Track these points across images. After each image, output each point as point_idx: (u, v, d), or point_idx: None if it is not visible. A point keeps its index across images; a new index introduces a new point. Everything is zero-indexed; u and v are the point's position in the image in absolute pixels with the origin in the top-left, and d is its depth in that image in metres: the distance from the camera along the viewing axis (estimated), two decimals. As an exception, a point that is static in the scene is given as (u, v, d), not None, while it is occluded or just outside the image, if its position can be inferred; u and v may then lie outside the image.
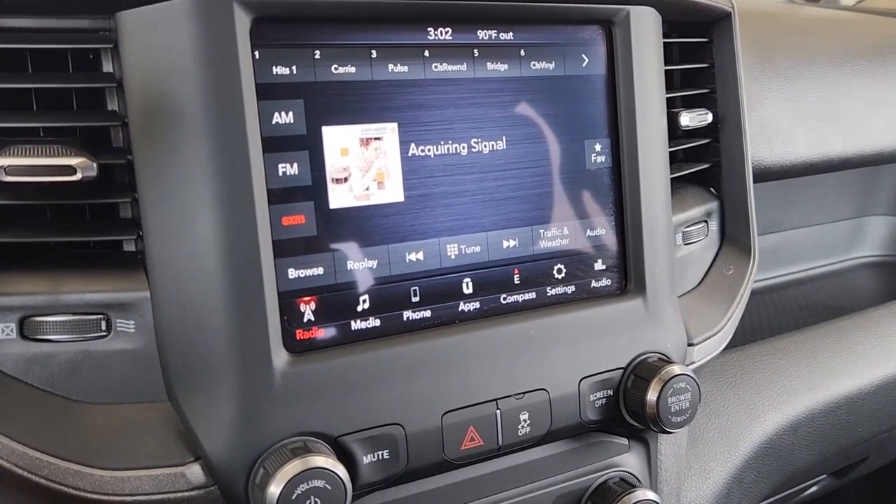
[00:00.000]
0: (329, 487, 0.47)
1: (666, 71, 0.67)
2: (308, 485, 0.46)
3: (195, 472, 0.48)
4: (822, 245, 1.27)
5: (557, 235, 0.59)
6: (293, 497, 0.46)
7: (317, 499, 0.47)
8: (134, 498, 0.47)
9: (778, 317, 1.06)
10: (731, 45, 0.71)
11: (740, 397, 0.80)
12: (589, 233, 0.61)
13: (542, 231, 0.58)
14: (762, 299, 1.15)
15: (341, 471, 0.47)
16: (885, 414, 0.92)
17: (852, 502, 1.52)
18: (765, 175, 0.83)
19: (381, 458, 0.51)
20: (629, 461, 0.63)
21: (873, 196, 1.29)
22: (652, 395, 0.58)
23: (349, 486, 0.47)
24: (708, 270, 0.73)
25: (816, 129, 0.89)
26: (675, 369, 0.58)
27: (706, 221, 0.74)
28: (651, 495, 0.60)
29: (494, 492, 0.58)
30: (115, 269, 0.51)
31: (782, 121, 0.85)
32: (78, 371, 0.49)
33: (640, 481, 0.64)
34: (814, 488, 1.10)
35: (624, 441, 0.63)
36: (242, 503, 0.49)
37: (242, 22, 0.47)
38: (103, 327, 0.49)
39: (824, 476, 1.04)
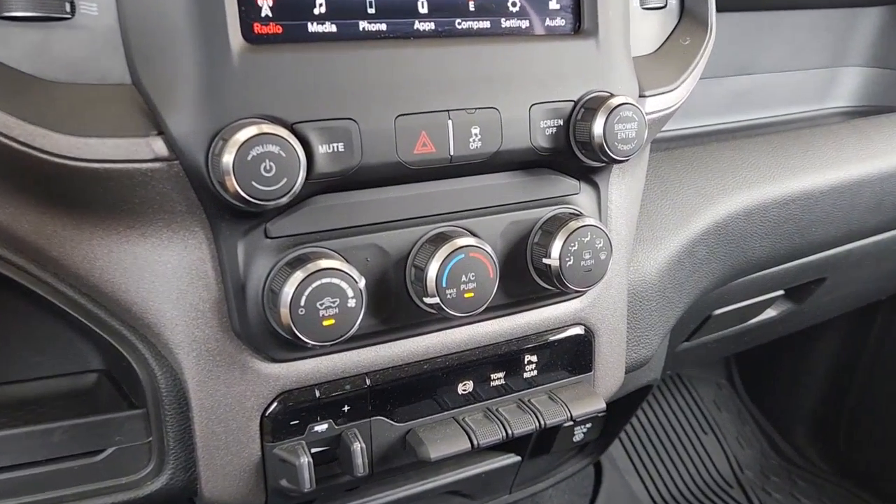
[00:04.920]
0: (283, 154, 0.49)
1: None
2: (262, 148, 0.48)
3: (159, 144, 0.50)
4: (795, 92, 1.26)
5: (512, -31, 0.60)
6: (248, 159, 0.48)
7: (272, 163, 0.49)
8: (99, 165, 0.49)
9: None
10: None
11: (695, 181, 0.82)
12: (545, -29, 0.62)
13: (496, -39, 0.59)
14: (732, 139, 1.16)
15: (294, 141, 0.49)
16: (838, 217, 0.93)
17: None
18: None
19: (336, 149, 0.53)
20: (580, 200, 0.65)
21: (849, 45, 1.29)
22: (599, 122, 0.59)
23: (303, 156, 0.50)
24: (665, 41, 0.74)
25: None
26: (623, 99, 0.60)
27: (665, -9, 0.74)
28: (599, 223, 0.63)
29: (451, 209, 0.60)
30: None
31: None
32: (44, 51, 0.50)
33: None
34: (773, 312, 1.13)
35: (575, 182, 0.65)
36: (204, 177, 0.50)
37: None
38: (67, 9, 0.50)
39: (782, 292, 1.08)
